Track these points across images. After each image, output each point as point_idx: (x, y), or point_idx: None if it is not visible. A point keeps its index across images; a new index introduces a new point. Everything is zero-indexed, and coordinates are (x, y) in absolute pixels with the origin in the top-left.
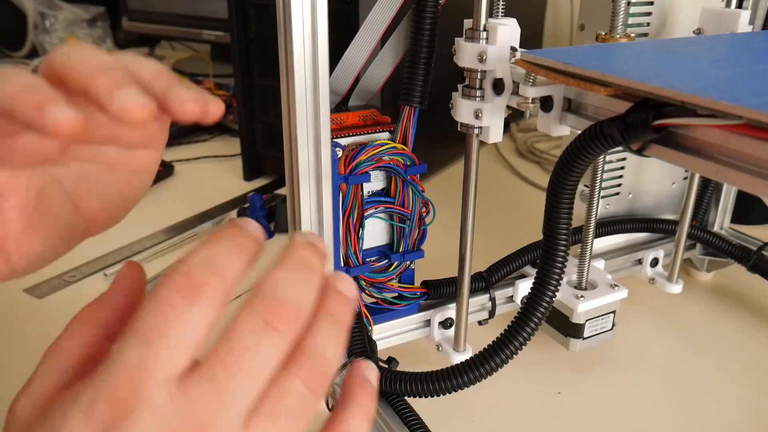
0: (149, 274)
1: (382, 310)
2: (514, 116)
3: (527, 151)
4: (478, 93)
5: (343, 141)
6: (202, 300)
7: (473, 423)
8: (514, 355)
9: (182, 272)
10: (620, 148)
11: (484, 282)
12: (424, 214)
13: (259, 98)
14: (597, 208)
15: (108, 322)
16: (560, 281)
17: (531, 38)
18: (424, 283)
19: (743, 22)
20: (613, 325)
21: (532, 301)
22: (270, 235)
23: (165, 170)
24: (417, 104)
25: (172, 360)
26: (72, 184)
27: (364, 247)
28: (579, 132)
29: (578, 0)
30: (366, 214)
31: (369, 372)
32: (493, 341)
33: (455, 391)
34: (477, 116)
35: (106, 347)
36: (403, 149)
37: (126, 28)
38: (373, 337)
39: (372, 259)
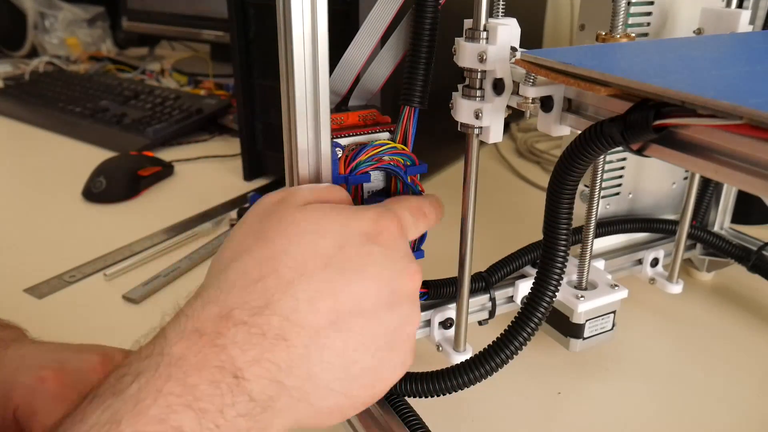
0: (149, 274)
1: None
2: (514, 116)
3: (527, 151)
4: (478, 93)
5: (343, 141)
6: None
7: (473, 423)
8: (514, 355)
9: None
10: (620, 148)
11: (484, 282)
12: None
13: (259, 98)
14: (597, 208)
15: None
16: (560, 281)
17: (531, 38)
18: (424, 283)
19: (743, 22)
20: (614, 325)
21: (532, 301)
22: None
23: (165, 170)
24: (417, 104)
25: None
26: None
27: None
28: (579, 132)
29: (578, 0)
30: None
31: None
32: (493, 341)
33: (455, 391)
34: (477, 116)
35: None
36: (403, 149)
37: (126, 28)
38: None
39: None
